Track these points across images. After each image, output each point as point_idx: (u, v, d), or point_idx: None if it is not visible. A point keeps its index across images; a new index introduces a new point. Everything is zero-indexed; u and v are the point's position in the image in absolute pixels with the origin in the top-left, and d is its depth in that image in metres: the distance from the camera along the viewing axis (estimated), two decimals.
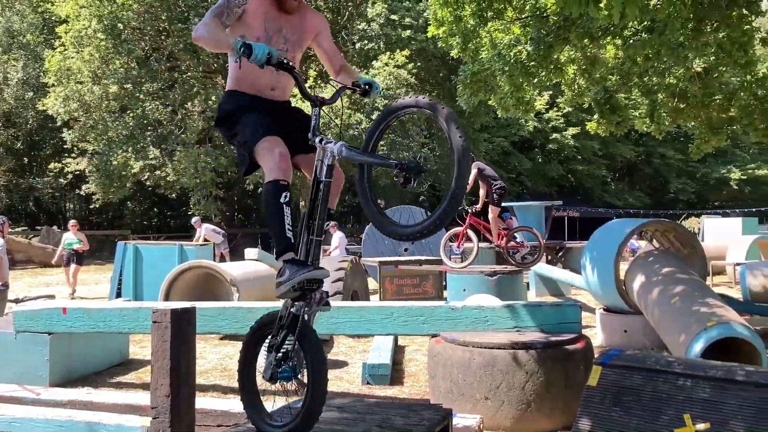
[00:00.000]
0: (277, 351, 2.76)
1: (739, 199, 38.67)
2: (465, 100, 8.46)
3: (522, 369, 5.11)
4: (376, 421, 2.60)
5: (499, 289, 9.08)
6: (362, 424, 2.57)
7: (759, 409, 2.80)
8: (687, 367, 3.14)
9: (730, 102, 9.86)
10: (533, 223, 13.56)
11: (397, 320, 5.74)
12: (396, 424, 2.56)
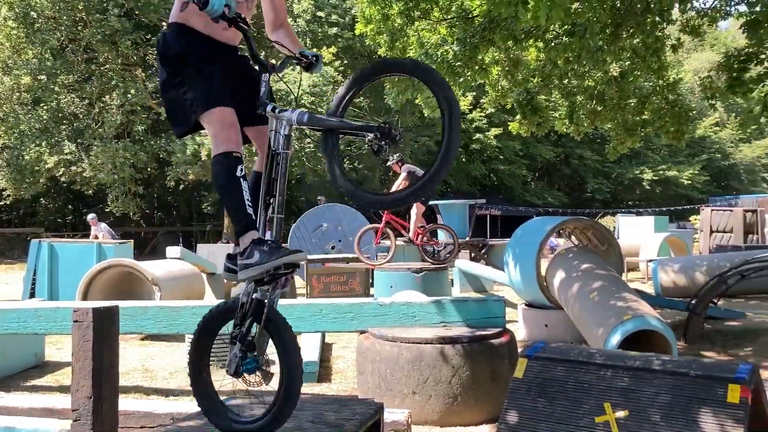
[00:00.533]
0: (242, 342, 2.54)
1: (651, 198, 40.50)
2: (393, 99, 8.52)
3: (449, 363, 5.20)
4: (308, 417, 2.58)
5: (425, 285, 9.20)
6: (294, 420, 2.55)
7: (674, 396, 2.95)
8: (607, 358, 3.27)
9: (644, 105, 10.31)
10: (457, 221, 13.80)
11: (326, 317, 5.72)
12: (328, 419, 2.55)
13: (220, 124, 2.50)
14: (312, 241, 14.35)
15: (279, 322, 2.52)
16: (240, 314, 2.55)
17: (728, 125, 43.28)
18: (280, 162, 2.58)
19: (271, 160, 2.57)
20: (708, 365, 3.06)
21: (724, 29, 46.30)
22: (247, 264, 2.43)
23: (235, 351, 2.55)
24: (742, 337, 7.99)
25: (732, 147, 43.40)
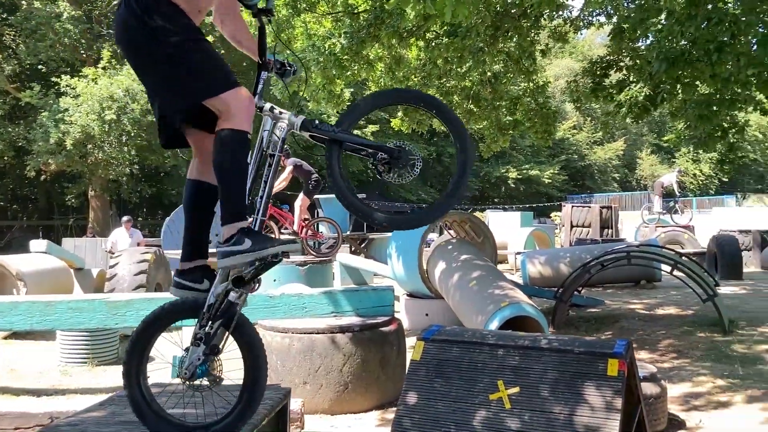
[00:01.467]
0: (207, 344, 2.39)
1: (515, 196, 42.63)
2: (279, 90, 8.45)
3: (340, 352, 5.28)
4: (218, 404, 2.56)
5: (309, 278, 9.22)
6: (206, 406, 2.53)
7: (560, 372, 3.19)
8: (499, 339, 3.48)
9: (516, 106, 10.89)
10: (338, 216, 13.89)
11: None
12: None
13: (248, 101, 2.36)
14: None
15: (246, 325, 2.44)
16: (207, 315, 2.40)
17: (584, 128, 46.40)
18: (272, 164, 2.49)
19: (261, 160, 2.47)
20: (590, 342, 3.34)
21: (582, 38, 49.53)
22: (233, 251, 2.30)
23: (198, 353, 2.40)
24: (602, 323, 8.65)
25: (587, 149, 46.56)
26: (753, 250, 16.57)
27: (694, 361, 6.65)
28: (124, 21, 2.31)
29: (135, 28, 2.28)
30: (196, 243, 2.51)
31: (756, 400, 5.30)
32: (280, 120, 2.50)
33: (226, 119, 2.30)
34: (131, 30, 2.29)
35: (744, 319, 8.34)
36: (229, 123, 2.29)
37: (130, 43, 2.32)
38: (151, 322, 2.49)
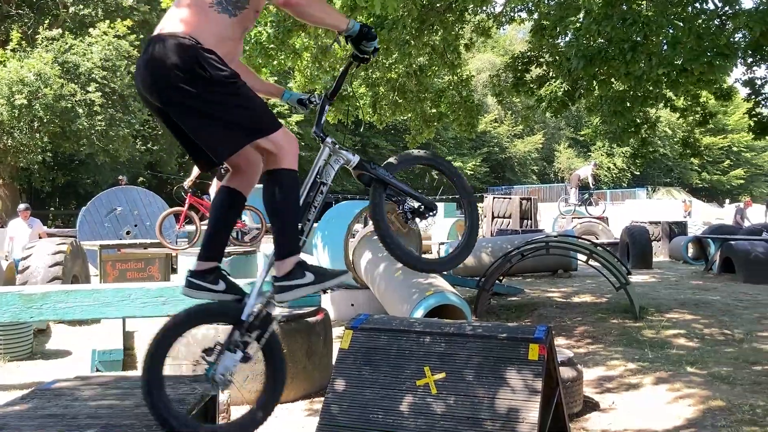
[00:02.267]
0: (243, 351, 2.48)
1: (438, 187, 43.32)
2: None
3: None
4: None
5: (233, 269, 9.09)
6: (132, 398, 2.48)
7: (484, 357, 3.30)
8: (425, 326, 3.56)
9: (440, 98, 11.05)
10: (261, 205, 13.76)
11: (136, 302, 5.48)
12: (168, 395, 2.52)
13: (294, 141, 2.47)
14: (105, 225, 13.45)
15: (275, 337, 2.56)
16: (247, 324, 2.47)
17: (505, 122, 47.54)
18: (323, 192, 2.64)
19: (313, 187, 2.62)
20: (512, 328, 3.47)
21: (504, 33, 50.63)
22: (295, 285, 2.43)
23: (234, 360, 2.46)
24: (522, 311, 8.94)
25: (508, 142, 47.74)
26: (662, 240, 17.47)
27: (607, 346, 6.98)
28: (170, 68, 2.29)
29: (186, 76, 2.28)
30: (217, 245, 2.59)
31: (663, 381, 5.62)
32: (338, 154, 2.67)
33: (276, 159, 2.42)
34: (181, 79, 2.28)
35: (653, 306, 8.80)
36: (280, 163, 2.41)
37: (179, 90, 2.29)
38: (176, 325, 2.45)
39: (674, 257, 16.33)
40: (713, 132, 45.23)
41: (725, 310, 8.49)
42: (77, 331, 8.06)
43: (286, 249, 2.45)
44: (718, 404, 4.94)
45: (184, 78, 2.27)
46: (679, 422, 4.67)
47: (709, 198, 44.60)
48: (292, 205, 2.45)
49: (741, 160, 50.57)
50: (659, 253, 16.84)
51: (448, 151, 43.40)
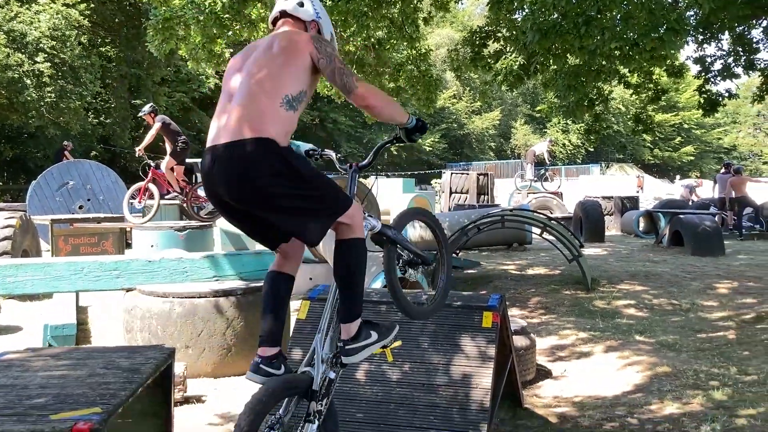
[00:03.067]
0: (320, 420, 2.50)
1: (398, 163, 43.30)
2: (156, 47, 8.07)
3: (223, 316, 5.25)
4: (100, 364, 2.49)
5: (189, 243, 9.00)
6: (85, 368, 2.45)
7: (439, 325, 3.36)
8: (382, 296, 3.60)
9: (399, 73, 11.01)
10: None
11: (89, 275, 5.38)
12: (122, 365, 2.49)
13: (361, 212, 2.61)
14: (57, 200, 13.12)
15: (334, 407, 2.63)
16: (322, 393, 2.51)
17: (463, 98, 47.68)
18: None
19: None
20: (466, 297, 3.53)
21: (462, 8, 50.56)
22: (365, 345, 2.57)
23: (313, 428, 2.46)
24: (478, 283, 9.08)
25: (466, 118, 47.93)
26: (614, 214, 17.86)
27: (560, 316, 7.15)
28: (259, 170, 2.40)
29: (274, 175, 2.40)
30: (277, 330, 2.60)
31: (613, 349, 5.80)
32: (365, 221, 2.71)
33: (349, 230, 2.55)
34: (270, 178, 2.40)
35: (605, 277, 9.02)
36: (352, 233, 2.55)
37: (267, 188, 2.41)
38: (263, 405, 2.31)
39: (626, 231, 16.72)
40: (665, 109, 46.19)
41: (673, 282, 8.77)
42: (28, 306, 7.90)
43: (354, 313, 2.57)
44: (665, 370, 5.12)
45: (272, 177, 2.40)
46: (627, 388, 4.83)
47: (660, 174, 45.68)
48: (362, 272, 2.59)
49: (691, 137, 51.79)
50: (611, 227, 17.23)
51: None
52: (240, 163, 2.40)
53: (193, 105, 28.55)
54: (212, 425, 4.25)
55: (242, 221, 2.60)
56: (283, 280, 2.65)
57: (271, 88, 2.48)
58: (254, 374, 2.48)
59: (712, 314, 7.06)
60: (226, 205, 2.53)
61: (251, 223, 2.59)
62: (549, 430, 4.06)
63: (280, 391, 2.35)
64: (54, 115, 19.39)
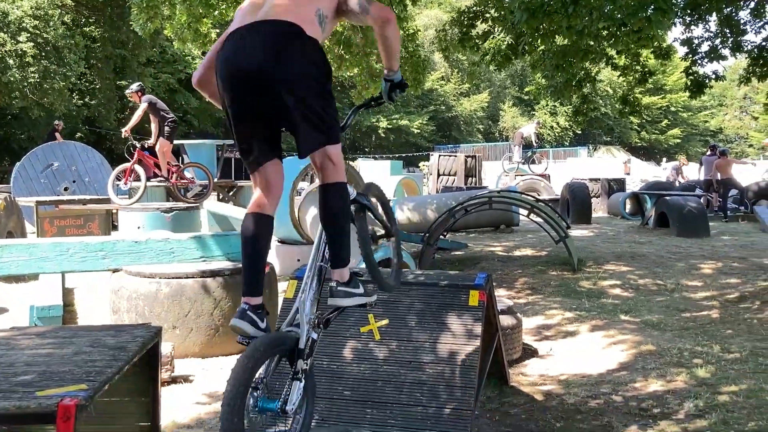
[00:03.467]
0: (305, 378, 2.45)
1: (385, 146, 43.22)
2: (141, 26, 7.98)
3: (210, 296, 5.24)
4: (86, 343, 2.49)
5: (175, 225, 8.96)
6: (71, 346, 2.45)
7: (426, 304, 3.37)
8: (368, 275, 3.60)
9: None
10: (205, 162, 13.51)
11: (74, 256, 5.37)
12: (108, 342, 2.49)
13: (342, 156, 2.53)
14: (41, 181, 13.00)
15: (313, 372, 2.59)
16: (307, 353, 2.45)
17: (452, 80, 47.56)
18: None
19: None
20: (453, 276, 3.55)
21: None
22: (352, 293, 2.53)
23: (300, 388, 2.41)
24: (465, 264, 9.13)
25: (454, 100, 47.84)
26: (601, 196, 17.96)
27: (546, 296, 7.20)
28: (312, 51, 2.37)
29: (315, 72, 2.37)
30: (261, 278, 2.52)
31: (599, 329, 5.85)
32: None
33: (335, 171, 2.47)
34: (314, 63, 2.36)
35: (591, 258, 9.09)
36: (338, 175, 2.47)
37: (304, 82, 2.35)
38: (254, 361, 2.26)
39: (612, 213, 16.82)
40: (652, 92, 46.30)
41: (659, 262, 8.85)
42: (14, 287, 7.85)
43: (345, 257, 2.53)
44: (649, 349, 5.18)
45: (309, 64, 2.35)
46: (612, 366, 4.89)
47: (647, 156, 45.88)
48: (348, 215, 2.53)
49: (678, 119, 52.00)
50: (598, 209, 17.33)
51: (395, 109, 43.24)
52: (284, 36, 2.34)
53: (180, 86, 28.30)
54: (200, 404, 4.26)
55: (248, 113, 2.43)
56: (264, 222, 2.52)
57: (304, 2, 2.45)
58: (240, 320, 2.40)
59: (696, 294, 7.14)
60: (239, 89, 2.38)
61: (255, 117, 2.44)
62: (535, 407, 4.10)
63: (269, 347, 2.32)
64: (38, 95, 19.17)
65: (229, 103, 2.42)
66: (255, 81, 2.35)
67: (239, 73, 2.36)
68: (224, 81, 2.40)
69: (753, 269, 8.26)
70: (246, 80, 2.36)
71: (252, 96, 2.38)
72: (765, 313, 6.17)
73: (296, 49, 2.35)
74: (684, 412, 3.90)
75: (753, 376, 4.43)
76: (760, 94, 36.96)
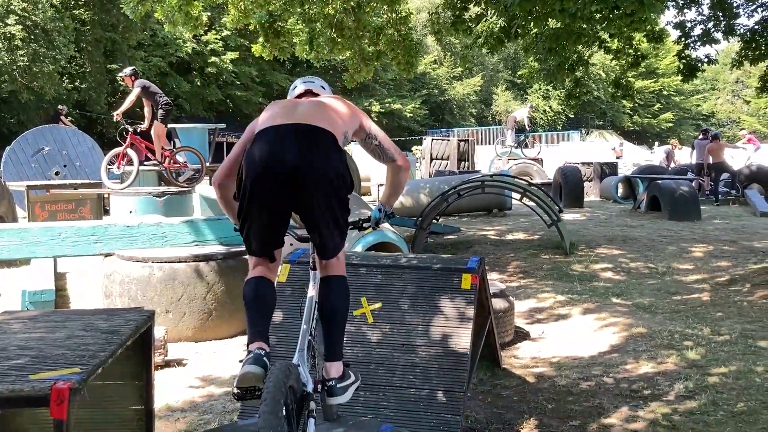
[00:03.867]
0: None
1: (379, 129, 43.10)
2: (131, 9, 7.90)
3: (203, 280, 5.24)
4: (79, 327, 2.48)
5: (168, 209, 8.93)
6: (64, 330, 2.44)
7: (419, 287, 3.38)
8: (362, 259, 3.61)
9: (379, 36, 10.89)
10: (196, 146, 13.44)
11: (66, 241, 5.36)
12: (100, 326, 2.49)
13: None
14: (32, 166, 12.92)
15: None
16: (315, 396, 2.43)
17: (444, 64, 47.35)
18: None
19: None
20: (446, 260, 3.55)
21: None
22: (349, 384, 2.57)
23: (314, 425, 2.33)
24: (457, 248, 9.14)
25: (447, 84, 47.66)
26: (593, 180, 17.99)
27: (538, 280, 7.23)
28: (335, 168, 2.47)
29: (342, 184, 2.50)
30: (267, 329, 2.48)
31: (590, 311, 5.89)
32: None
33: (338, 266, 2.59)
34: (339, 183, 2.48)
35: (583, 242, 9.12)
36: (340, 270, 2.59)
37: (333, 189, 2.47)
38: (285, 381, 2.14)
39: (605, 197, 16.86)
40: (645, 75, 46.27)
41: (650, 246, 8.89)
42: (6, 272, 7.82)
43: (341, 351, 2.57)
44: (640, 331, 5.22)
45: (338, 177, 2.47)
46: (603, 348, 4.93)
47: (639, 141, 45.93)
48: (344, 312, 2.58)
49: (671, 103, 52.02)
50: (590, 193, 17.36)
51: (388, 93, 43.09)
52: (322, 141, 2.47)
53: (171, 70, 28.06)
54: (193, 388, 4.28)
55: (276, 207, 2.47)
56: (270, 285, 2.56)
57: (335, 118, 2.60)
58: (258, 367, 2.25)
59: (687, 277, 7.19)
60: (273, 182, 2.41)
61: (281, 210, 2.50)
62: (527, 389, 4.14)
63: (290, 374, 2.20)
64: (27, 79, 18.97)
65: (256, 196, 2.44)
66: (291, 176, 2.41)
67: (277, 166, 2.41)
68: (258, 173, 2.43)
69: (744, 252, 8.32)
70: (280, 177, 2.41)
71: (284, 190, 2.43)
72: (755, 295, 6.22)
73: (333, 156, 2.49)
74: (674, 394, 3.94)
75: (742, 358, 4.47)
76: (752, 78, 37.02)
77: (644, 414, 3.67)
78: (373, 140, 2.78)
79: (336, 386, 2.51)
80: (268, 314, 2.51)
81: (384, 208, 2.88)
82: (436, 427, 2.90)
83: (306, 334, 2.49)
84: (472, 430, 3.50)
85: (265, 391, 2.02)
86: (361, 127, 2.75)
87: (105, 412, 2.87)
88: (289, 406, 2.15)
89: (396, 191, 2.89)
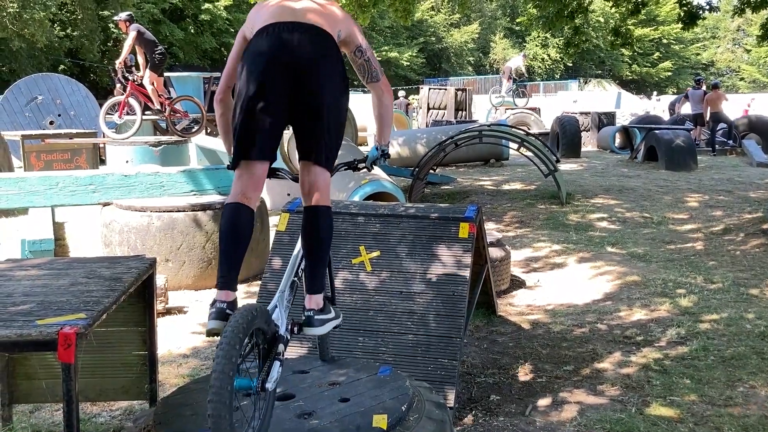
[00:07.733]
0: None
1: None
2: None
3: (202, 229, 5.28)
4: (82, 274, 2.52)
5: (164, 159, 8.92)
6: (67, 277, 2.48)
7: (416, 236, 3.42)
8: (360, 208, 3.64)
9: None
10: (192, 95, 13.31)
11: (64, 190, 5.36)
12: (103, 274, 2.52)
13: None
14: (26, 115, 12.81)
15: None
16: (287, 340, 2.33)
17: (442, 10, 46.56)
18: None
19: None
20: (444, 209, 3.58)
21: None
22: (329, 319, 2.50)
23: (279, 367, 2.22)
24: (454, 198, 9.17)
25: (444, 31, 46.95)
26: (591, 130, 17.92)
27: (534, 229, 7.29)
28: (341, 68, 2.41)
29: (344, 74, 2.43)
30: (238, 268, 2.38)
31: (585, 260, 5.96)
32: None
33: (323, 195, 2.45)
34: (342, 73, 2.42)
35: (579, 192, 9.15)
36: (326, 200, 2.46)
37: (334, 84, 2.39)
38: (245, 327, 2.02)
39: (602, 147, 16.83)
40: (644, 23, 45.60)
41: (646, 195, 8.93)
42: (4, 222, 7.83)
43: (322, 284, 2.51)
44: (634, 279, 5.30)
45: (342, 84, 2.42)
46: (598, 296, 5.01)
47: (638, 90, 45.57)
48: (327, 241, 2.50)
49: (670, 52, 51.40)
50: (588, 143, 17.33)
51: (384, 41, 42.46)
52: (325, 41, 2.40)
53: (164, 17, 27.56)
54: (195, 334, 4.35)
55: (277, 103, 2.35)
56: (248, 213, 2.40)
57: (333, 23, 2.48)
58: (219, 321, 2.18)
59: (681, 227, 7.25)
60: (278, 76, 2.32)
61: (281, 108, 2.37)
62: (522, 335, 4.22)
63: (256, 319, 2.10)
64: (18, 26, 18.64)
65: (257, 92, 2.31)
66: (299, 71, 2.32)
67: (285, 58, 2.32)
68: (261, 68, 2.32)
69: (738, 202, 8.37)
70: (289, 68, 2.32)
71: (289, 82, 2.33)
72: (748, 244, 6.29)
73: (333, 56, 2.42)
74: (666, 340, 4.03)
75: (734, 305, 4.56)
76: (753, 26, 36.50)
77: (636, 359, 3.76)
78: (363, 55, 2.61)
79: (314, 317, 2.44)
80: (241, 247, 2.36)
81: (381, 146, 2.73)
82: (434, 371, 2.97)
83: (290, 275, 2.47)
84: (469, 375, 3.58)
85: (218, 347, 1.91)
86: (352, 39, 2.58)
87: (109, 357, 2.93)
88: (260, 347, 2.13)
89: (386, 121, 2.73)
